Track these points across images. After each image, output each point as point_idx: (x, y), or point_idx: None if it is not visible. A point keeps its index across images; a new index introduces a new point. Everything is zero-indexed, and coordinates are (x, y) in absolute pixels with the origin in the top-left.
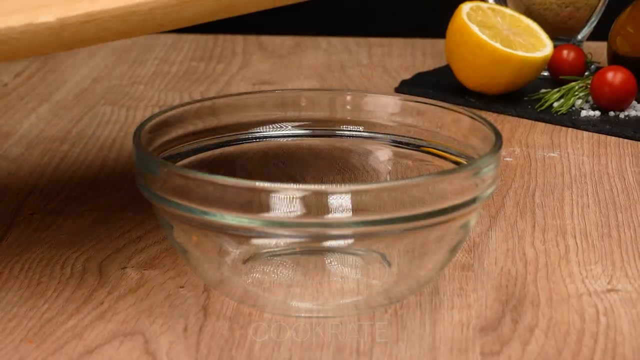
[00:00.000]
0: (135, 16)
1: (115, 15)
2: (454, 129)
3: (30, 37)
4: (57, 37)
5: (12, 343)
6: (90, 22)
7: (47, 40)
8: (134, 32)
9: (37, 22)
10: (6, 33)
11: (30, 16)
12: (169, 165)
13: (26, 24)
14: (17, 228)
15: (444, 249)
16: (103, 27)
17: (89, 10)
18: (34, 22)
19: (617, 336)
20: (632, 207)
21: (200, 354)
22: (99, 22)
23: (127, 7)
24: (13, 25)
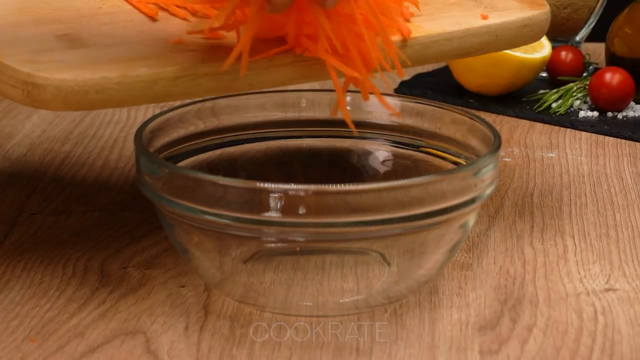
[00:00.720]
0: (227, 75)
1: (207, 72)
2: (453, 130)
3: (124, 88)
4: (150, 90)
5: (15, 342)
6: (182, 78)
7: (140, 92)
8: (223, 90)
9: (132, 74)
10: (101, 83)
11: (127, 67)
12: (170, 166)
13: (122, 75)
14: (19, 228)
15: (443, 249)
16: (194, 84)
17: (182, 65)
18: (129, 74)
19: (615, 335)
20: (629, 207)
21: (201, 352)
22: (191, 79)
23: (219, 66)
24: (109, 75)
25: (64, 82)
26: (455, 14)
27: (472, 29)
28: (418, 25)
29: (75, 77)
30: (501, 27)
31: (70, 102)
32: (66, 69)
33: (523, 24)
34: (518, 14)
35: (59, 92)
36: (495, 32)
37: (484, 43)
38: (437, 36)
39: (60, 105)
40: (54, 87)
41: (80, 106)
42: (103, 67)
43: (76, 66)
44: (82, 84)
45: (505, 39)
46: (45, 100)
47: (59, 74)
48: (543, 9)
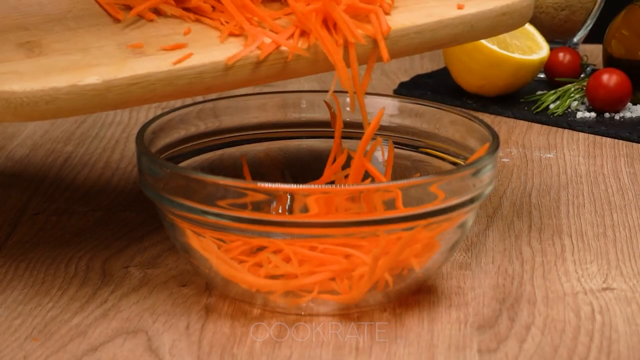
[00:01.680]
0: (183, 80)
1: (161, 78)
2: (451, 130)
3: (75, 98)
4: (102, 98)
5: (17, 341)
6: (136, 85)
7: (91, 101)
8: (180, 94)
9: (82, 83)
10: (51, 93)
11: (76, 77)
12: (171, 166)
13: (71, 85)
14: (22, 228)
15: (442, 248)
16: (149, 90)
17: (135, 73)
18: (79, 84)
19: (612, 334)
20: (627, 207)
21: (203, 351)
22: (145, 85)
23: (175, 71)
24: (58, 85)
25: (14, 94)
26: (432, 4)
27: (444, 21)
28: (389, 19)
29: (25, 89)
30: (476, 17)
31: (21, 113)
32: (17, 80)
33: (501, 12)
34: (496, 1)
35: (9, 104)
36: (470, 22)
37: (458, 34)
38: (406, 29)
39: (11, 117)
40: (4, 99)
41: (32, 117)
42: (53, 77)
43: (28, 77)
44: (31, 95)
45: (482, 28)
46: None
47: (9, 86)
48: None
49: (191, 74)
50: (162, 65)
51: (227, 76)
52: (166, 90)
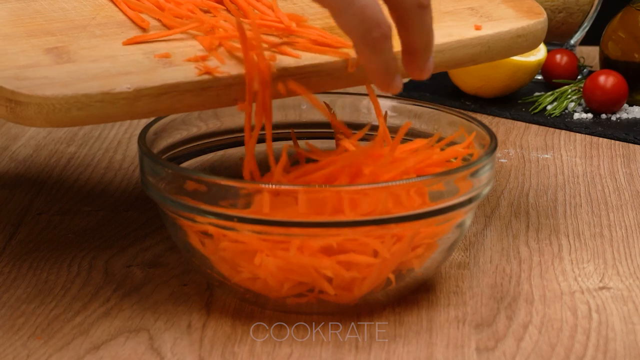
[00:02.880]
0: (211, 91)
1: (191, 88)
2: (450, 131)
3: (106, 105)
4: (132, 106)
5: (21, 339)
6: (166, 94)
7: (122, 109)
8: (208, 105)
9: (114, 91)
10: (83, 100)
11: (108, 84)
12: (172, 167)
13: (103, 92)
14: (25, 227)
15: (441, 248)
16: (177, 99)
17: (165, 82)
18: (111, 92)
19: (608, 332)
20: (623, 207)
21: (204, 349)
22: (175, 95)
23: (204, 82)
24: (91, 92)
25: (46, 99)
26: (448, 23)
27: (463, 40)
28: None
29: (57, 95)
30: (493, 38)
31: (53, 119)
32: (49, 86)
33: (517, 34)
34: (512, 24)
35: (41, 109)
36: (487, 43)
37: (476, 54)
38: None
39: (43, 122)
40: (36, 104)
41: (63, 123)
42: (85, 84)
43: (59, 83)
44: (63, 101)
45: (498, 49)
46: (27, 118)
47: (41, 92)
48: (539, 18)
49: (219, 85)
50: (190, 76)
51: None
52: (195, 101)
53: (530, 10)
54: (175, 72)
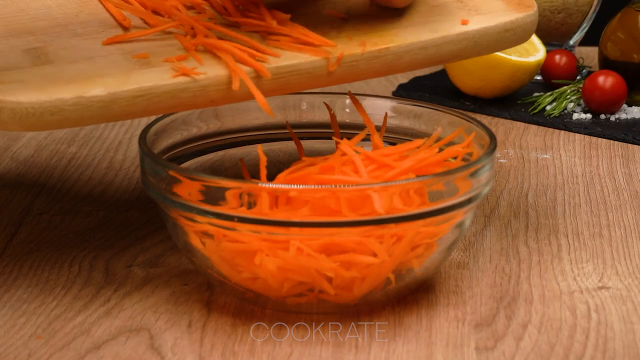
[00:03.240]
0: (187, 92)
1: (166, 91)
2: (450, 132)
3: (80, 109)
4: (107, 109)
5: (22, 339)
6: (141, 97)
7: (96, 112)
8: (184, 106)
9: (88, 95)
10: (57, 104)
11: (82, 88)
12: (173, 167)
13: (77, 97)
14: (26, 227)
15: (440, 248)
16: (153, 102)
17: (140, 85)
18: (85, 95)
19: (607, 332)
20: (622, 207)
21: (204, 349)
22: (150, 97)
23: (179, 84)
24: (64, 96)
25: (20, 104)
26: (436, 18)
27: (448, 37)
28: (393, 33)
29: (30, 99)
30: (479, 33)
31: (26, 123)
32: (23, 91)
33: (505, 28)
34: (500, 17)
35: (15, 114)
36: (473, 38)
37: (462, 49)
38: (410, 45)
39: (16, 127)
40: (10, 109)
41: (37, 127)
42: (60, 88)
43: (34, 87)
44: (37, 106)
45: (485, 44)
46: (1, 122)
47: (15, 97)
48: (529, 10)
49: (195, 87)
50: (166, 78)
51: (230, 89)
52: (170, 103)
53: (520, 2)
54: (152, 74)
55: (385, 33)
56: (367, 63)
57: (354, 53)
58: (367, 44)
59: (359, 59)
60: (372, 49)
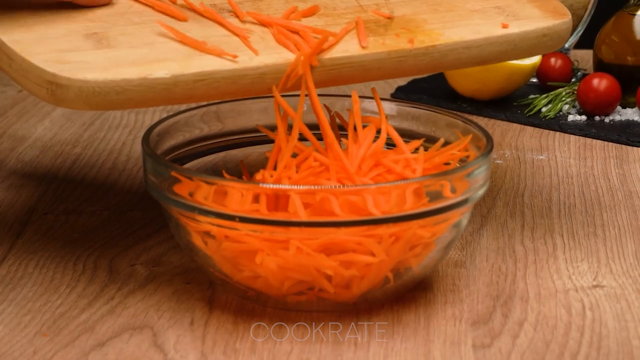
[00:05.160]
0: (246, 79)
1: (226, 76)
2: (447, 133)
3: (144, 90)
4: (170, 92)
5: (27, 336)
6: (202, 81)
7: (159, 94)
8: (243, 93)
9: (152, 77)
10: (122, 85)
11: (147, 70)
12: (175, 168)
13: (142, 78)
14: (31, 227)
15: (438, 247)
16: (213, 87)
17: (202, 70)
18: (149, 77)
19: (602, 329)
20: (616, 207)
21: (206, 346)
22: (210, 82)
23: (239, 70)
24: (130, 77)
25: (87, 83)
26: (476, 21)
27: (490, 38)
28: (439, 32)
29: (97, 79)
30: (520, 36)
31: (92, 102)
32: (89, 70)
33: (542, 33)
34: (538, 23)
35: (81, 92)
36: (514, 41)
37: (502, 52)
38: (455, 44)
39: (82, 105)
40: (77, 87)
41: (102, 106)
42: (124, 69)
43: (99, 67)
44: (103, 85)
45: (524, 47)
46: (68, 100)
47: (82, 75)
48: (564, 18)
49: (254, 74)
50: (227, 63)
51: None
52: (230, 89)
53: (555, 10)
54: (212, 60)
55: (431, 32)
56: (415, 59)
57: (403, 49)
58: (415, 41)
59: (407, 55)
60: (420, 46)
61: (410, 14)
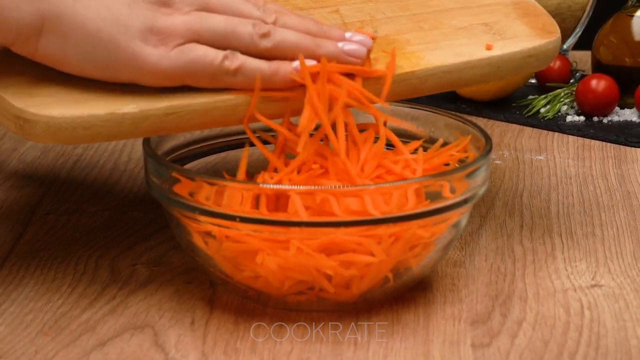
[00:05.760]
0: (217, 111)
1: (197, 109)
2: (446, 134)
3: (112, 125)
4: (138, 126)
5: (29, 336)
6: (171, 115)
7: (128, 128)
8: (214, 124)
9: (120, 111)
10: (89, 120)
11: (115, 105)
12: (176, 168)
13: (109, 113)
14: (33, 227)
15: (437, 247)
16: (184, 119)
17: (172, 103)
18: (117, 112)
19: (600, 329)
20: (614, 207)
21: (207, 345)
22: (181, 115)
23: (210, 103)
24: (97, 113)
25: (53, 119)
26: (461, 41)
27: (472, 62)
28: (419, 55)
29: (64, 115)
30: (502, 58)
31: (60, 137)
32: (57, 105)
33: (528, 54)
34: (524, 43)
35: (48, 128)
36: (496, 64)
37: (484, 74)
38: (435, 69)
39: (50, 139)
40: (43, 123)
41: (69, 141)
42: (92, 104)
43: (67, 102)
44: (70, 121)
45: (507, 69)
46: (35, 135)
47: (48, 111)
48: (552, 37)
49: (225, 106)
50: (197, 96)
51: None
52: (201, 120)
53: (544, 28)
54: (182, 93)
55: (411, 55)
56: (392, 87)
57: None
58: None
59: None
60: (398, 72)
61: (394, 32)
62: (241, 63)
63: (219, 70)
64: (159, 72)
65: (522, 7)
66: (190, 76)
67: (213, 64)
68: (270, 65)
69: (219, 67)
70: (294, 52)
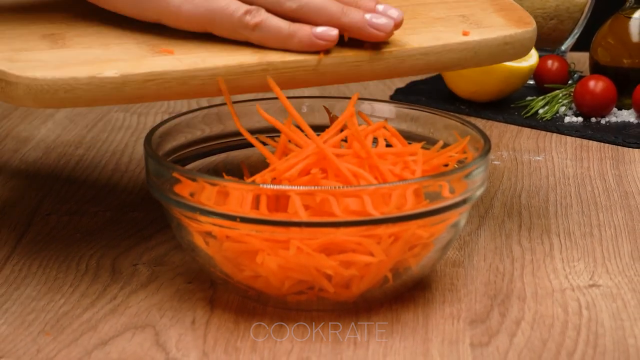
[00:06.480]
0: (196, 80)
1: (177, 77)
2: (445, 134)
3: (93, 89)
4: (119, 91)
5: (31, 335)
6: (151, 81)
7: (109, 93)
8: (194, 94)
9: (101, 75)
10: (71, 83)
11: (96, 69)
12: (177, 169)
13: (90, 77)
14: (35, 227)
15: (436, 247)
16: (164, 87)
17: (152, 70)
18: (98, 76)
19: (598, 328)
20: (612, 208)
21: (208, 345)
22: (161, 82)
23: (189, 71)
24: (78, 76)
25: (35, 81)
26: (438, 28)
27: (449, 45)
28: (397, 39)
29: (46, 76)
30: (480, 44)
31: (41, 99)
32: (39, 69)
33: (504, 41)
34: (500, 31)
35: (30, 90)
36: (473, 48)
37: (462, 59)
38: (413, 50)
39: (31, 102)
40: (25, 85)
41: (51, 104)
42: (74, 68)
43: (50, 66)
44: (51, 83)
45: (485, 55)
46: (17, 97)
47: (31, 73)
48: (528, 27)
49: (205, 75)
50: (178, 64)
51: (238, 80)
52: (181, 89)
53: (520, 19)
54: (163, 61)
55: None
56: (370, 64)
57: (358, 53)
58: (371, 46)
59: (362, 60)
60: (375, 51)
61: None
62: (262, 20)
63: (239, 24)
64: (181, 15)
65: (499, 3)
66: (211, 24)
67: (233, 16)
68: (290, 26)
69: (239, 21)
70: (318, 15)
